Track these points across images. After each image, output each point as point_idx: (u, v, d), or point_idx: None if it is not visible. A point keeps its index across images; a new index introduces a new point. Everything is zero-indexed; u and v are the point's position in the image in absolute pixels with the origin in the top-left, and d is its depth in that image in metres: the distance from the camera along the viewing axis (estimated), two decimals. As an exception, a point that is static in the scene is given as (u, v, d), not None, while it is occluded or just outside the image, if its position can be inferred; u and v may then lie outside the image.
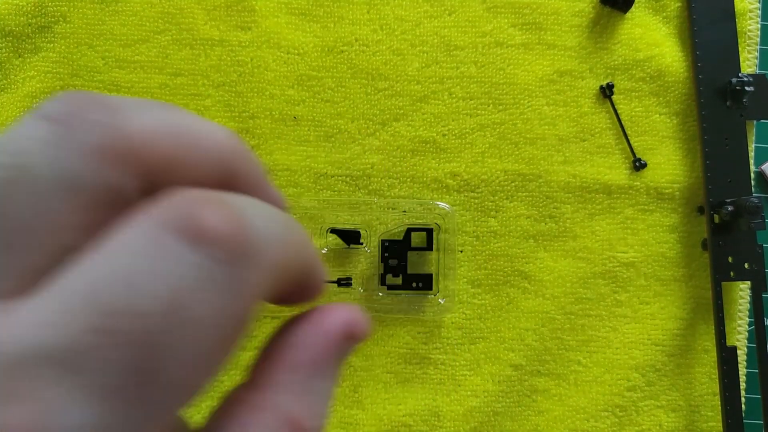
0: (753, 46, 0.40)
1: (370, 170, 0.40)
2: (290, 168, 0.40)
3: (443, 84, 0.40)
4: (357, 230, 0.39)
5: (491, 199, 0.40)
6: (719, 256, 0.38)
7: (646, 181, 0.40)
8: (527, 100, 0.40)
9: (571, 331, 0.40)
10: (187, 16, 0.40)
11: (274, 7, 0.40)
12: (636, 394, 0.39)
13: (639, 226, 0.40)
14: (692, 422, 0.39)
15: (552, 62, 0.40)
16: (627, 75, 0.40)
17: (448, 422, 0.39)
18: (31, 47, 0.39)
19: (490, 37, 0.40)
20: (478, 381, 0.39)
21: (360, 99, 0.40)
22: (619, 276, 0.40)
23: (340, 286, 0.38)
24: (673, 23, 0.41)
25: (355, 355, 0.39)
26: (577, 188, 0.40)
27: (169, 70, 0.40)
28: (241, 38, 0.40)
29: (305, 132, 0.40)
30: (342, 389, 0.39)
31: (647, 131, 0.40)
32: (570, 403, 0.39)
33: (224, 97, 0.40)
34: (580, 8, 0.40)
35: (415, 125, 0.40)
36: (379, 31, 0.40)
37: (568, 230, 0.40)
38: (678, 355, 0.39)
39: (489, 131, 0.40)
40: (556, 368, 0.39)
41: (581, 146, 0.40)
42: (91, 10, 0.40)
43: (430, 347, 0.39)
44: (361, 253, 0.39)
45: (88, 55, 0.40)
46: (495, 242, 0.40)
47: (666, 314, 0.40)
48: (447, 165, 0.40)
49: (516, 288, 0.40)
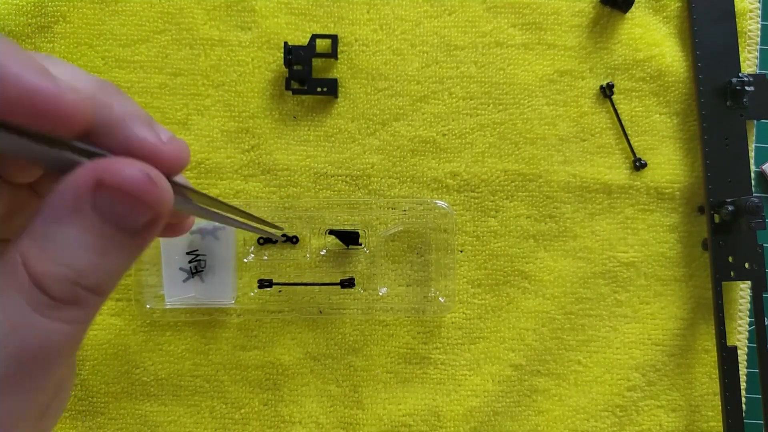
0: (753, 46, 0.40)
1: (370, 170, 0.40)
2: (290, 168, 0.40)
3: (443, 84, 0.40)
4: (356, 231, 0.38)
5: (491, 199, 0.40)
6: (719, 256, 0.38)
7: (646, 181, 0.40)
8: (527, 100, 0.40)
9: (571, 330, 0.39)
10: (187, 15, 0.40)
11: (274, 7, 0.40)
12: (636, 393, 0.39)
13: (639, 226, 0.40)
14: (692, 422, 0.39)
15: (552, 62, 0.40)
16: (627, 75, 0.40)
17: (448, 422, 0.39)
18: (31, 47, 0.39)
19: (490, 37, 0.40)
20: (478, 381, 0.39)
21: (360, 99, 0.40)
22: (619, 276, 0.40)
23: (344, 287, 0.38)
24: (673, 23, 0.41)
25: (355, 355, 0.39)
26: (577, 188, 0.40)
27: (168, 69, 0.40)
28: (241, 38, 0.40)
29: (305, 132, 0.40)
30: (342, 389, 0.39)
31: (647, 131, 0.40)
32: (570, 403, 0.39)
33: (224, 97, 0.40)
34: (580, 8, 0.40)
35: (415, 125, 0.40)
36: (379, 31, 0.40)
37: (568, 230, 0.40)
38: (678, 354, 0.39)
39: (489, 131, 0.40)
40: (556, 368, 0.39)
41: (581, 146, 0.40)
42: (91, 10, 0.40)
43: (430, 347, 0.39)
44: (361, 254, 0.39)
45: (88, 55, 0.40)
46: (495, 242, 0.40)
47: (666, 314, 0.40)
48: (447, 165, 0.40)
49: (516, 288, 0.40)
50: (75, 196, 0.15)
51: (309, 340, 0.39)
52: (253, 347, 0.39)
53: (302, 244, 0.39)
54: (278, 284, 0.38)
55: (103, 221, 0.15)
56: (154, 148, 0.17)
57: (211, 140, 0.40)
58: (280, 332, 0.39)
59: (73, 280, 0.15)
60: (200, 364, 0.39)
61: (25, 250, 0.15)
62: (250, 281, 0.38)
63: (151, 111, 0.40)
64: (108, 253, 0.16)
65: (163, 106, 0.40)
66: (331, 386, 0.39)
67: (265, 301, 0.39)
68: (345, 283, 0.38)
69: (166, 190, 0.16)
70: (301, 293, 0.39)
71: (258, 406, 0.39)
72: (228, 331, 0.39)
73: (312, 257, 0.39)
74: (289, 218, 0.39)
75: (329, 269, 0.39)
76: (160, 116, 0.40)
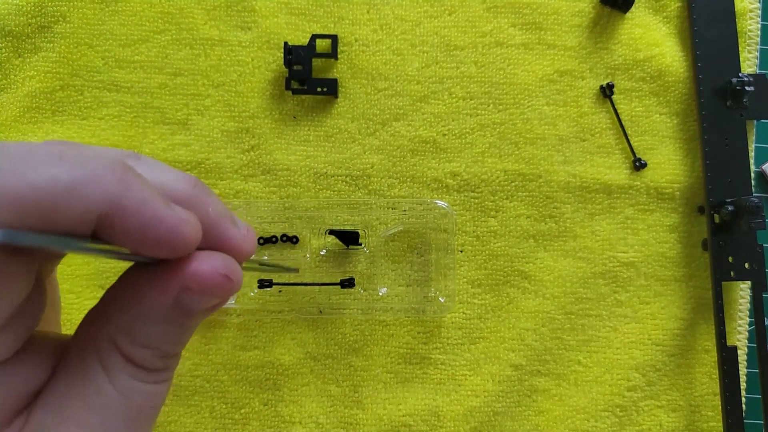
0: (753, 45, 0.40)
1: (369, 170, 0.40)
2: (290, 168, 0.40)
3: (443, 84, 0.40)
4: (356, 231, 0.38)
5: (491, 199, 0.40)
6: (719, 256, 0.38)
7: (646, 181, 0.40)
8: (527, 100, 0.40)
9: (572, 330, 0.39)
10: (187, 15, 0.40)
11: (274, 7, 0.40)
12: (636, 394, 0.39)
13: (639, 226, 0.40)
14: (692, 422, 0.39)
15: (552, 62, 0.40)
16: (627, 75, 0.40)
17: (448, 422, 0.39)
18: (31, 47, 0.39)
19: (490, 37, 0.40)
20: (478, 381, 0.39)
21: (360, 99, 0.40)
22: (620, 276, 0.40)
23: (344, 287, 0.38)
24: (673, 23, 0.41)
25: (355, 355, 0.39)
26: (577, 188, 0.40)
27: (168, 69, 0.40)
28: (241, 38, 0.40)
29: (305, 132, 0.40)
30: (342, 389, 0.39)
31: (647, 131, 0.40)
32: (570, 403, 0.39)
33: (224, 97, 0.40)
34: (580, 8, 0.40)
35: (415, 125, 0.40)
36: (379, 31, 0.40)
37: (568, 230, 0.40)
38: (678, 355, 0.39)
39: (489, 131, 0.40)
40: (557, 368, 0.39)
41: (581, 146, 0.40)
42: (91, 10, 0.40)
43: (430, 347, 0.39)
44: (361, 254, 0.39)
45: (88, 55, 0.40)
46: (495, 242, 0.40)
47: (666, 314, 0.40)
48: (447, 165, 0.40)
49: (516, 288, 0.40)
50: (162, 299, 0.17)
51: (309, 340, 0.39)
52: (253, 347, 0.39)
53: (302, 244, 0.39)
54: (278, 284, 0.38)
55: (183, 313, 0.18)
56: (239, 244, 0.20)
57: (211, 140, 0.40)
58: (280, 332, 0.39)
59: (159, 356, 0.18)
60: (200, 364, 0.39)
61: (116, 337, 0.17)
62: (250, 281, 0.38)
63: (151, 111, 0.40)
64: (185, 332, 0.19)
65: (163, 106, 0.40)
66: (331, 386, 0.39)
67: (265, 301, 0.39)
68: (345, 283, 0.38)
69: (237, 281, 0.19)
70: (301, 293, 0.39)
71: (258, 406, 0.39)
72: (228, 331, 0.39)
73: (312, 257, 0.39)
74: (289, 218, 0.39)
75: (329, 269, 0.39)
76: (160, 116, 0.40)
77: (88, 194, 0.14)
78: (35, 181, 0.14)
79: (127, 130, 0.40)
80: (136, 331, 0.17)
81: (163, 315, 0.18)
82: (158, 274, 0.17)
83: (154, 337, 0.18)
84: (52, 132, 0.39)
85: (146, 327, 0.17)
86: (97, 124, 0.40)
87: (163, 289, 0.17)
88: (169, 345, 0.18)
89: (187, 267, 0.17)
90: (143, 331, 0.17)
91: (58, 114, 0.40)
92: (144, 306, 0.17)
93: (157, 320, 0.18)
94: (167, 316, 0.18)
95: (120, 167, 0.15)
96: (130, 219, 0.15)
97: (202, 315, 0.19)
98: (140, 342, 0.17)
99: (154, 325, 0.17)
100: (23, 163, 0.14)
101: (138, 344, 0.17)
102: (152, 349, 0.18)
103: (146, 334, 0.17)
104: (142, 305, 0.17)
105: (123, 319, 0.17)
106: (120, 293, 0.18)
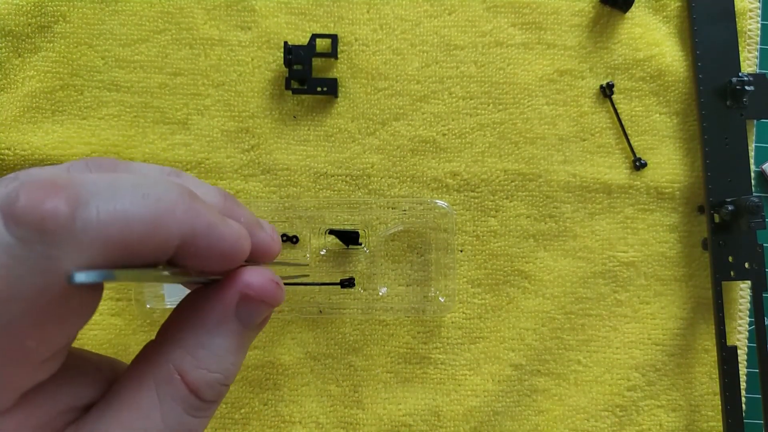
0: (753, 45, 0.40)
1: (369, 170, 0.40)
2: (290, 168, 0.40)
3: (443, 83, 0.40)
4: (356, 231, 0.38)
5: (491, 198, 0.40)
6: (719, 256, 0.38)
7: (646, 181, 0.40)
8: (527, 100, 0.40)
9: (571, 330, 0.39)
10: (187, 15, 0.40)
11: (274, 7, 0.40)
12: (636, 393, 0.39)
13: (639, 226, 0.40)
14: (692, 422, 0.39)
15: (552, 62, 0.40)
16: (627, 74, 0.40)
17: (448, 422, 0.39)
18: (31, 47, 0.39)
19: (490, 37, 0.40)
20: (478, 381, 0.39)
21: (360, 98, 0.40)
22: (619, 275, 0.40)
23: (344, 287, 0.38)
24: (673, 23, 0.41)
25: (355, 355, 0.39)
26: (577, 188, 0.40)
27: (168, 69, 0.40)
28: (240, 38, 0.40)
29: (305, 132, 0.40)
30: (342, 389, 0.39)
31: (647, 131, 0.40)
32: (570, 403, 0.39)
33: (224, 97, 0.40)
34: (580, 8, 0.40)
35: (415, 125, 0.40)
36: (379, 30, 0.40)
37: (568, 230, 0.40)
38: (678, 354, 0.39)
39: (489, 131, 0.40)
40: (556, 368, 0.39)
41: (581, 146, 0.40)
42: (91, 9, 0.40)
43: (430, 347, 0.39)
44: (361, 254, 0.39)
45: (87, 55, 0.40)
46: (495, 242, 0.40)
47: (666, 314, 0.40)
48: (447, 164, 0.40)
49: (516, 288, 0.40)
50: (224, 310, 0.18)
51: (309, 340, 0.39)
52: (253, 347, 0.39)
53: (302, 243, 0.39)
54: (278, 284, 0.38)
55: (242, 325, 0.18)
56: (270, 245, 0.21)
57: (211, 140, 0.40)
58: (280, 332, 0.39)
59: (222, 382, 0.18)
60: (200, 363, 0.39)
61: (179, 362, 0.17)
62: (250, 281, 0.38)
63: (151, 111, 0.40)
64: (242, 349, 0.19)
65: (163, 106, 0.40)
66: (331, 386, 0.39)
67: (265, 301, 0.39)
68: (345, 283, 0.38)
69: (283, 288, 0.19)
70: (301, 293, 0.39)
71: (258, 405, 0.39)
72: (228, 331, 0.39)
73: (312, 257, 0.39)
74: (289, 218, 0.39)
75: (329, 269, 0.39)
76: (159, 116, 0.40)
77: (169, 227, 0.15)
78: (127, 224, 0.14)
79: (127, 129, 0.40)
80: (201, 352, 0.18)
81: (225, 329, 0.18)
82: (215, 291, 0.18)
83: (219, 355, 0.18)
84: (52, 132, 0.39)
85: (211, 343, 0.18)
86: (97, 124, 0.40)
87: (224, 302, 0.18)
88: (231, 368, 0.18)
89: (242, 278, 0.18)
90: (208, 349, 0.18)
91: (58, 114, 0.40)
92: (207, 323, 0.18)
93: (221, 334, 0.18)
94: (229, 330, 0.18)
95: (187, 195, 0.16)
96: (199, 242, 0.16)
97: (257, 328, 0.19)
98: (205, 364, 0.18)
99: (217, 338, 0.18)
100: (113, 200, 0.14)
101: (204, 368, 0.18)
102: (216, 373, 0.18)
103: (211, 353, 0.18)
104: (206, 322, 0.18)
105: (187, 340, 0.18)
106: (181, 317, 0.18)
